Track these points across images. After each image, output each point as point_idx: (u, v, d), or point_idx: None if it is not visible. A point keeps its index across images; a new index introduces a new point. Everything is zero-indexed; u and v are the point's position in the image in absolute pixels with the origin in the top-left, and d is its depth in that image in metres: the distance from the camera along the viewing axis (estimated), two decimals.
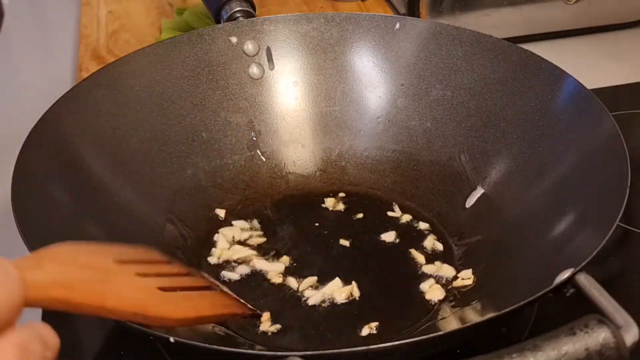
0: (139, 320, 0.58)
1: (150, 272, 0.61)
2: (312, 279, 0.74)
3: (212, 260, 0.78)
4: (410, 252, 0.78)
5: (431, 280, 0.74)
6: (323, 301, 0.72)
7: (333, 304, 0.72)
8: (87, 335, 0.74)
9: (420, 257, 0.77)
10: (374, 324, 0.70)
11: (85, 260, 0.57)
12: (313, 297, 0.73)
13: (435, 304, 0.72)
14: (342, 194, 0.86)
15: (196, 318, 0.63)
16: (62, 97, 0.78)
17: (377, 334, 0.69)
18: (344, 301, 0.72)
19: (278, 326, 0.70)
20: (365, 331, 0.69)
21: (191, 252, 0.78)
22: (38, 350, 0.44)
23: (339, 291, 0.73)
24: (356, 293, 0.73)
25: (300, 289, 0.74)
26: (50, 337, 0.46)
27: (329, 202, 0.85)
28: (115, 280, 0.58)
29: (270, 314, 0.71)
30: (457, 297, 0.72)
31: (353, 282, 0.74)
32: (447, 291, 0.73)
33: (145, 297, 0.59)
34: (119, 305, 0.56)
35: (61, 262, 0.54)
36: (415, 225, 0.82)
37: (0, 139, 0.88)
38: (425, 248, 0.78)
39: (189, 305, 0.63)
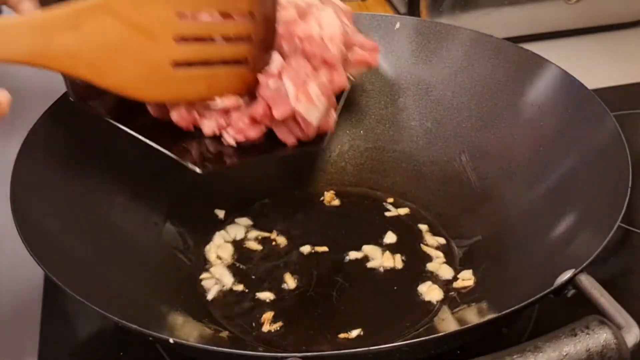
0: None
1: (194, 34, 0.65)
2: (311, 280, 0.74)
3: (212, 259, 0.78)
4: (410, 252, 0.78)
5: (429, 282, 0.74)
6: (323, 301, 0.72)
7: (333, 304, 0.72)
8: (87, 335, 0.74)
9: (420, 257, 0.77)
10: (374, 325, 0.70)
11: (138, 12, 0.61)
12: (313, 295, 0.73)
13: (435, 304, 0.72)
14: (340, 193, 0.86)
15: (177, 101, 0.67)
16: (61, 97, 0.78)
17: (377, 335, 0.69)
18: (344, 301, 0.72)
19: (279, 325, 0.70)
20: (365, 332, 0.69)
21: (191, 251, 0.78)
22: None
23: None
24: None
25: (299, 289, 0.74)
26: None
27: (328, 198, 0.85)
28: (134, 52, 0.62)
29: (273, 314, 0.71)
30: (457, 298, 0.72)
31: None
32: (447, 292, 0.73)
33: (137, 80, 0.63)
34: (107, 83, 0.62)
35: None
36: (415, 225, 0.82)
37: (0, 139, 0.88)
38: (426, 246, 0.78)
39: (180, 89, 0.66)
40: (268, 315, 0.70)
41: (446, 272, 0.75)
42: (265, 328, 0.69)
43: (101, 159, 0.78)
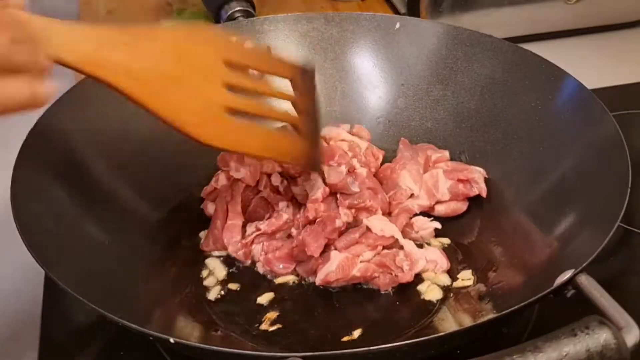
0: (172, 128, 0.64)
1: (243, 86, 0.67)
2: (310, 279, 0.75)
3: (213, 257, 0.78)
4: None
5: (428, 281, 0.74)
6: (323, 301, 0.73)
7: (333, 305, 0.72)
8: (87, 335, 0.74)
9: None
10: (374, 325, 0.70)
11: (187, 51, 0.63)
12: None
13: (435, 304, 0.72)
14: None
15: (236, 152, 0.68)
16: (61, 96, 0.78)
17: (377, 335, 0.69)
18: (344, 301, 0.72)
19: (279, 325, 0.70)
20: (365, 332, 0.69)
21: (192, 252, 0.78)
22: None
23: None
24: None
25: (299, 289, 0.74)
26: None
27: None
28: (184, 84, 0.62)
29: (281, 315, 0.71)
30: (457, 297, 0.72)
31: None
32: (447, 292, 0.73)
33: (193, 113, 0.63)
34: (158, 107, 0.62)
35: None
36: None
37: (0, 138, 0.88)
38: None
39: (237, 138, 0.66)
40: (271, 315, 0.70)
41: (443, 280, 0.75)
42: (266, 328, 0.69)
43: (101, 160, 0.78)
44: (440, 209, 0.80)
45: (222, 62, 0.66)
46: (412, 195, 0.80)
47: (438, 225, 0.78)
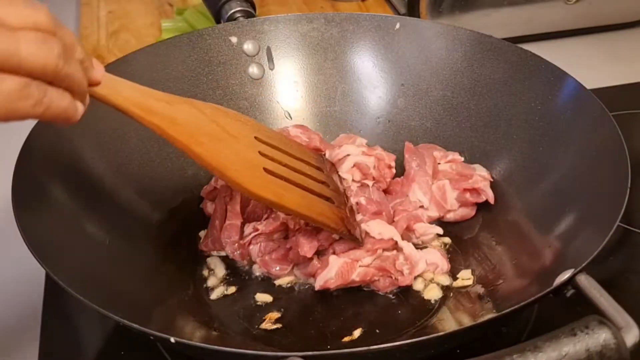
0: (216, 174, 0.67)
1: (276, 159, 0.70)
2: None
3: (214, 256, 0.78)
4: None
5: (427, 281, 0.74)
6: (323, 300, 0.73)
7: (333, 304, 0.72)
8: (87, 335, 0.74)
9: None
10: (373, 324, 0.70)
11: (223, 120, 0.67)
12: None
13: (435, 303, 0.72)
14: None
15: (277, 204, 0.68)
16: None
17: (377, 334, 0.69)
18: (344, 301, 0.72)
19: (279, 325, 0.70)
20: (365, 331, 0.69)
21: (192, 251, 0.78)
22: None
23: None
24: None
25: (299, 289, 0.74)
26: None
27: None
28: (225, 142, 0.66)
29: (281, 314, 0.71)
30: (457, 297, 0.72)
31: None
32: (447, 291, 0.73)
33: (235, 163, 0.66)
34: (203, 153, 0.64)
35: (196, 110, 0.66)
36: None
37: (0, 138, 0.88)
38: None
39: (277, 191, 0.67)
40: (273, 315, 0.70)
41: (443, 280, 0.75)
42: (266, 327, 0.69)
43: (101, 160, 0.79)
44: (449, 216, 0.81)
45: (254, 136, 0.70)
46: (421, 207, 0.80)
47: (440, 230, 0.78)
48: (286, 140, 0.76)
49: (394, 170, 0.83)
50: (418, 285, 0.74)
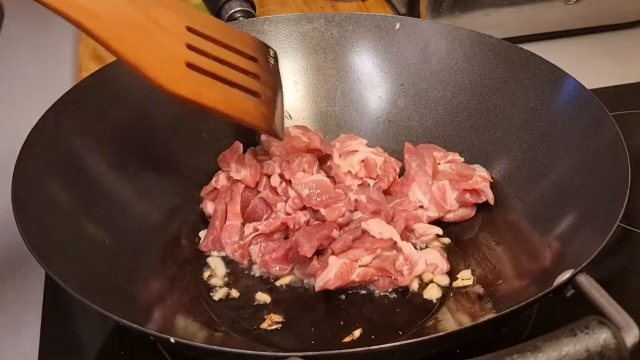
0: (135, 72, 0.65)
1: (205, 50, 0.68)
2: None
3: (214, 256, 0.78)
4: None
5: (427, 281, 0.74)
6: (323, 300, 0.73)
7: (333, 304, 0.72)
8: (87, 335, 0.74)
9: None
10: (373, 324, 0.70)
11: (156, 11, 0.66)
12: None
13: (435, 303, 0.72)
14: None
15: (194, 101, 0.67)
16: (62, 97, 0.78)
17: (377, 334, 0.69)
18: (344, 301, 0.72)
19: (279, 325, 0.70)
20: (365, 331, 0.69)
21: (192, 251, 0.78)
22: None
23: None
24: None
25: (299, 289, 0.74)
26: None
27: None
28: (150, 36, 0.65)
29: (281, 314, 0.71)
30: (456, 297, 0.72)
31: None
32: (447, 291, 0.73)
33: (156, 59, 0.65)
34: (122, 51, 0.63)
35: None
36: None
37: (0, 138, 0.88)
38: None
39: (196, 88, 0.67)
40: (273, 315, 0.70)
41: (442, 280, 0.75)
42: (266, 327, 0.69)
43: (101, 160, 0.78)
44: (449, 217, 0.81)
45: (185, 27, 0.68)
46: (421, 207, 0.80)
47: (439, 230, 0.78)
48: (222, 28, 0.74)
49: (397, 176, 0.83)
50: (418, 286, 0.74)
